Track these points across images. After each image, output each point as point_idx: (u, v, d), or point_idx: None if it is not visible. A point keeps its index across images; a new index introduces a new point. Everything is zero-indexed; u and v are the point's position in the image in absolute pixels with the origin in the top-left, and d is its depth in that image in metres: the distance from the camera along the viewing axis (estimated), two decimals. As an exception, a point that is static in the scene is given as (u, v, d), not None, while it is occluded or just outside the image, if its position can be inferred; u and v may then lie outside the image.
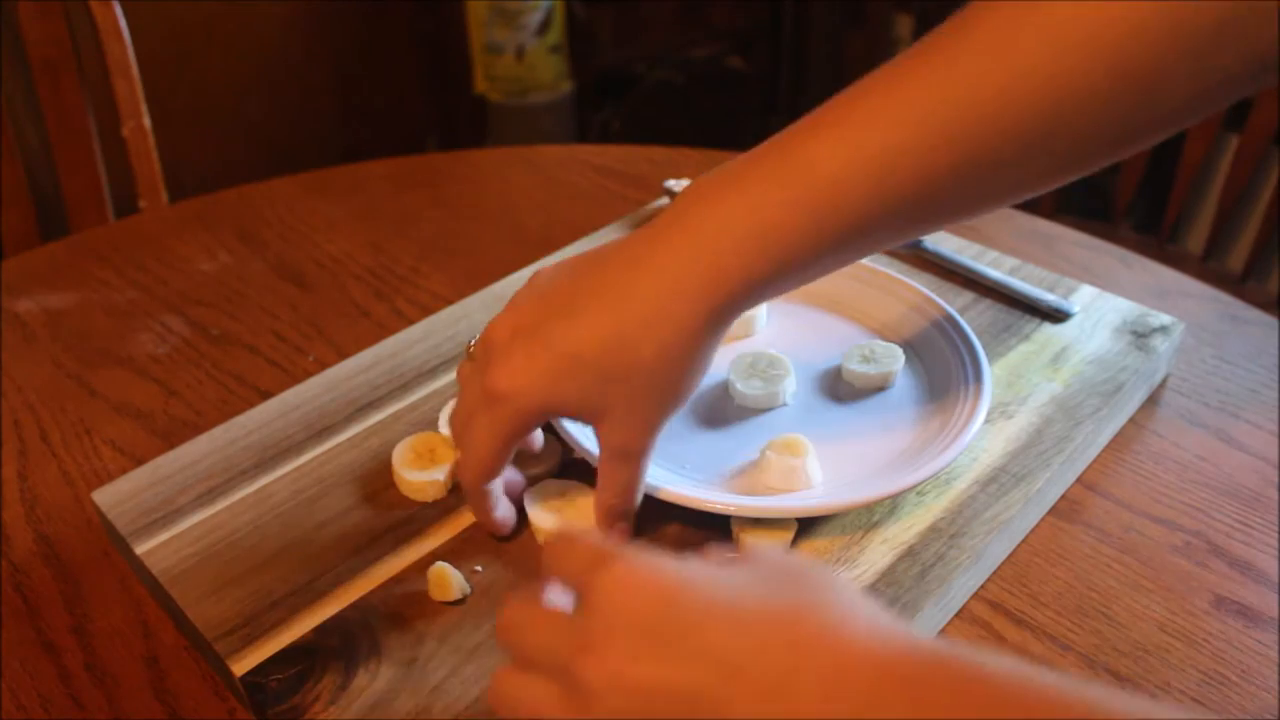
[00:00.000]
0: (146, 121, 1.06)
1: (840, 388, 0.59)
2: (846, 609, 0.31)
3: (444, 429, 0.54)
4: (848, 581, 0.32)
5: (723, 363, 0.59)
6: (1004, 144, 0.41)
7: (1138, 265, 0.76)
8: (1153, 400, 0.62)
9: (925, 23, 2.18)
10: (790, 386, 0.58)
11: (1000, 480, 0.53)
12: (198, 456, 0.56)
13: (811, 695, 0.28)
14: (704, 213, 0.44)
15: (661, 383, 0.45)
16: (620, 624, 0.32)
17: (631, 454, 0.47)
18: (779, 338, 0.63)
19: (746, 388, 0.57)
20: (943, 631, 0.48)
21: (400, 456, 0.54)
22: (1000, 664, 0.29)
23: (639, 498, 0.49)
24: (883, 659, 0.29)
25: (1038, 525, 0.54)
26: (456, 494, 0.53)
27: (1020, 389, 0.59)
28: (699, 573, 0.33)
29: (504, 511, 0.51)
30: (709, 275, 0.43)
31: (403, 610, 0.47)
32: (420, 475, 0.52)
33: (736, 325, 0.63)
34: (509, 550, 0.50)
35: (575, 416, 0.47)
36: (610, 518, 0.49)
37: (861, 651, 0.29)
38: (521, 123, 2.26)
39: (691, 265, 0.43)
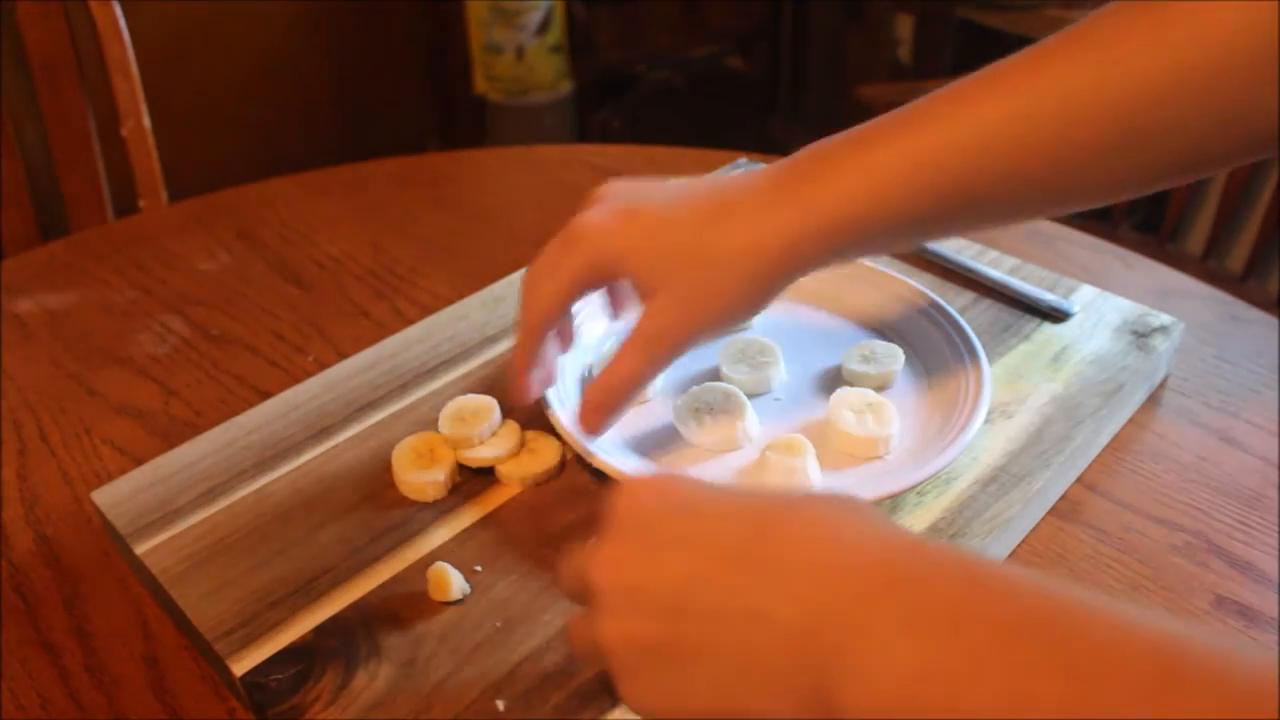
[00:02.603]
0: (146, 121, 1.06)
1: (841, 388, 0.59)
2: (840, 512, 0.32)
3: (444, 429, 0.54)
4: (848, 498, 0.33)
5: (711, 352, 0.59)
6: (1098, 141, 0.43)
7: (1138, 265, 0.76)
8: (1153, 400, 0.62)
9: (925, 23, 2.17)
10: (780, 375, 0.58)
11: (1000, 480, 0.53)
12: (197, 456, 0.56)
13: (803, 581, 0.30)
14: (808, 154, 0.48)
15: (722, 284, 0.47)
16: (620, 524, 0.34)
17: (657, 341, 0.48)
18: (779, 337, 0.63)
19: (733, 372, 0.57)
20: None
21: (400, 456, 0.54)
22: (1012, 573, 0.29)
23: (634, 396, 0.50)
24: (878, 558, 0.30)
25: (1038, 525, 0.54)
26: (456, 494, 0.53)
27: (1020, 389, 0.59)
28: (696, 482, 0.36)
29: (539, 378, 0.52)
30: (802, 199, 0.46)
31: (402, 610, 0.47)
32: (420, 475, 0.52)
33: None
34: (509, 550, 0.50)
35: (636, 281, 0.48)
36: (601, 398, 0.49)
37: (854, 546, 0.30)
38: (521, 123, 2.26)
39: (786, 191, 0.46)
